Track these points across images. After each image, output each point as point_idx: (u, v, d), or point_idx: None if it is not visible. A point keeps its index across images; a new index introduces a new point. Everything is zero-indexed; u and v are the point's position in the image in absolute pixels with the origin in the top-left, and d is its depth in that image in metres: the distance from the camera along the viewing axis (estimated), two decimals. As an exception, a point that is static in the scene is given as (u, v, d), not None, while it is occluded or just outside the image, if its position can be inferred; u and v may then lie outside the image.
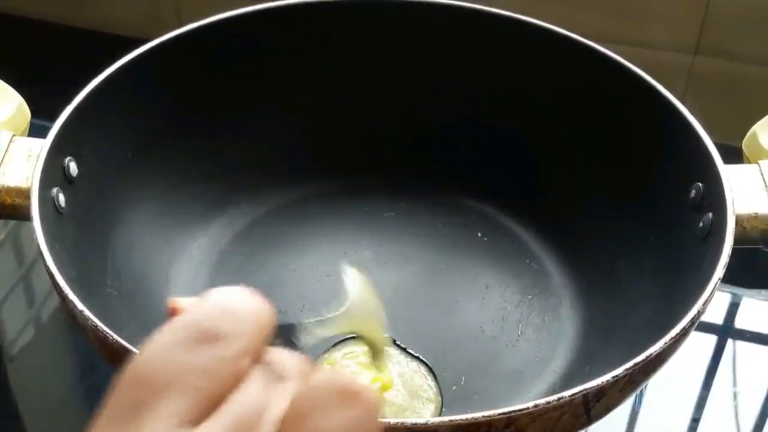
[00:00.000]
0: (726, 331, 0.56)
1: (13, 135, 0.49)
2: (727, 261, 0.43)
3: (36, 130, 0.51)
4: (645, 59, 0.53)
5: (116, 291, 0.49)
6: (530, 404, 0.37)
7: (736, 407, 0.52)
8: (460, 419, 0.36)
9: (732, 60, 0.69)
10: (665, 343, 0.40)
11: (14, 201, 0.47)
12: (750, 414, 0.52)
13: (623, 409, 0.42)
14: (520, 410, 0.36)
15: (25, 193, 0.46)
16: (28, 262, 0.60)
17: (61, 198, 0.47)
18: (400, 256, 0.57)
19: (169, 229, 0.55)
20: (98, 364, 0.42)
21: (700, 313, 0.41)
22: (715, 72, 0.71)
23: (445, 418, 0.36)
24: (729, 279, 0.43)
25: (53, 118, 0.48)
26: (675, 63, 0.72)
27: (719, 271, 0.42)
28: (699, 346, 0.55)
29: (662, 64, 0.71)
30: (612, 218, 0.54)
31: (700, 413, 0.52)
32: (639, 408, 0.51)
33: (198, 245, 0.56)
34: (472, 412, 0.47)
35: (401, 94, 0.59)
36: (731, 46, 0.69)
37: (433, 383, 0.49)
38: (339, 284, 0.53)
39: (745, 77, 0.70)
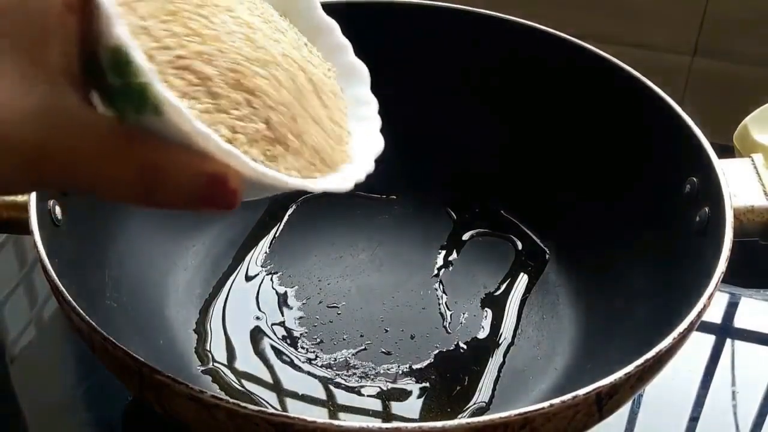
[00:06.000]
0: (725, 331, 0.57)
1: (6, 148, 0.48)
2: (729, 254, 0.43)
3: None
4: (644, 60, 0.53)
5: (115, 303, 0.48)
6: (546, 404, 0.37)
7: (734, 406, 0.52)
8: (477, 422, 0.36)
9: (731, 61, 0.70)
10: (674, 338, 0.40)
11: (10, 215, 0.46)
12: (749, 413, 0.52)
13: (622, 409, 0.42)
14: (536, 410, 0.36)
15: (21, 207, 0.45)
16: (29, 263, 0.60)
17: (57, 210, 0.46)
18: (397, 258, 0.56)
19: (164, 238, 0.54)
20: (99, 364, 0.41)
21: (705, 307, 0.41)
22: (713, 72, 0.71)
23: (462, 421, 0.36)
24: (728, 278, 0.43)
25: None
26: (674, 64, 0.73)
27: (722, 264, 0.43)
28: (698, 345, 0.55)
29: (661, 64, 0.72)
30: (607, 215, 0.54)
31: (699, 412, 0.52)
32: (638, 408, 0.52)
33: (193, 253, 0.55)
34: (480, 413, 0.48)
35: (394, 96, 0.59)
36: (730, 47, 0.70)
37: None
38: (335, 288, 0.53)
39: (744, 78, 0.71)
